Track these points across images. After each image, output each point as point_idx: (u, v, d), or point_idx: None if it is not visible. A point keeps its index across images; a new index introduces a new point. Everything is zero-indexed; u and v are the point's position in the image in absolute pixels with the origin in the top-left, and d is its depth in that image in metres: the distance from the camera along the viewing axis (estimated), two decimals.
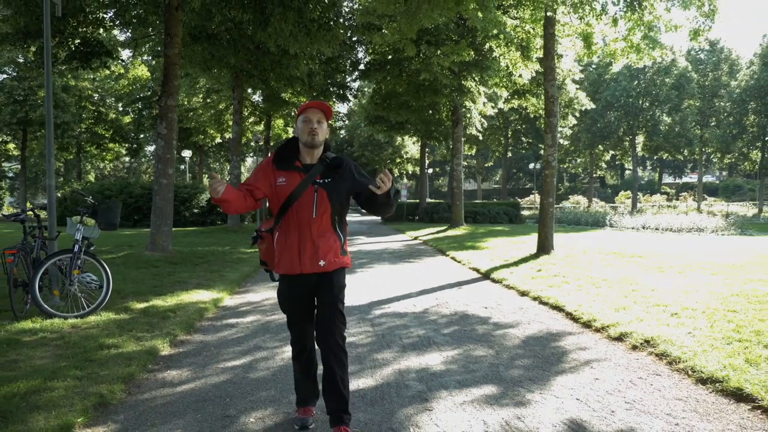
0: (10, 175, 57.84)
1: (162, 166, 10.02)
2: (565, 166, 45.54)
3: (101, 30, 11.07)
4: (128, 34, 13.55)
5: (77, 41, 10.09)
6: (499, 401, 3.34)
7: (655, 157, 53.51)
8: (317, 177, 2.75)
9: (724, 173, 72.49)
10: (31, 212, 5.99)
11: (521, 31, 12.38)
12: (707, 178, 74.46)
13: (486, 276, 8.79)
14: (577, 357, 4.30)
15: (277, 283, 2.95)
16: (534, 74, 14.05)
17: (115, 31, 12.65)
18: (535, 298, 6.72)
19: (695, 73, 38.86)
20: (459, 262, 10.83)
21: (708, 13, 10.58)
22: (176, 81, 10.09)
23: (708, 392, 3.48)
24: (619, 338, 4.74)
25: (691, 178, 70.01)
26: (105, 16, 10.87)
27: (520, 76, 13.40)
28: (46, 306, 5.25)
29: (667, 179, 79.75)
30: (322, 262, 2.74)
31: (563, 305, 6.01)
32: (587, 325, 5.29)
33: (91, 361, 3.96)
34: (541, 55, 11.92)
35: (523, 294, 7.06)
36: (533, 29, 12.20)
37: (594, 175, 57.28)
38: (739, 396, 3.33)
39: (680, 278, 7.64)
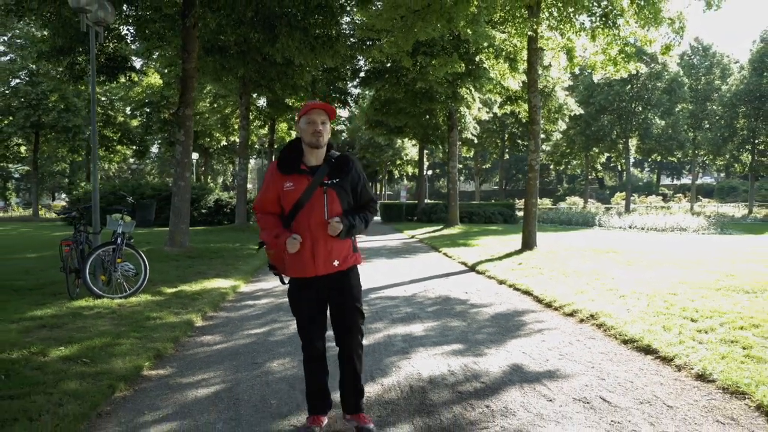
0: (17, 176, 59.15)
1: (180, 170, 11.03)
2: (561, 168, 46.53)
3: (123, 44, 12.13)
4: (138, 44, 14.56)
5: (103, 57, 11.12)
6: (463, 353, 4.35)
7: (649, 159, 54.43)
8: (325, 178, 2.73)
9: (722, 175, 73.38)
10: (76, 211, 6.98)
11: (509, 45, 13.40)
12: (706, 180, 75.52)
13: (472, 269, 9.80)
14: (533, 327, 5.31)
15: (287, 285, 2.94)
16: (521, 84, 15.04)
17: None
18: (510, 286, 7.72)
19: (687, 78, 39.86)
20: (450, 257, 11.84)
21: (677, 29, 11.59)
22: (193, 92, 11.12)
23: (626, 349, 4.49)
24: (571, 314, 5.75)
25: (690, 179, 70.98)
26: (127, 32, 11.93)
27: (508, 87, 14.39)
28: (95, 289, 6.27)
29: (666, 180, 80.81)
30: (336, 262, 2.76)
31: (532, 290, 7.02)
32: (548, 305, 6.29)
33: (143, 328, 4.98)
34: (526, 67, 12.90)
35: (501, 282, 8.07)
36: (520, 42, 13.22)
37: (592, 177, 58.25)
38: (647, 350, 4.34)
39: (644, 270, 8.63)
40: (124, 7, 11.05)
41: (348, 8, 12.42)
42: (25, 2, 8.58)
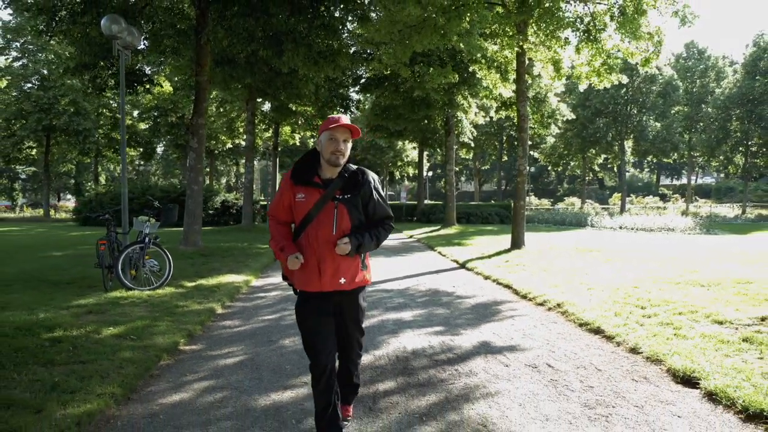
0: (23, 176, 60.38)
1: (193, 175, 11.92)
2: (559, 169, 47.43)
3: (139, 57, 13.04)
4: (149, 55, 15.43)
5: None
6: (443, 333, 5.23)
7: (646, 161, 55.20)
8: (337, 193, 2.68)
9: (721, 175, 74.08)
10: (107, 214, 7.84)
11: (500, 56, 14.27)
12: (707, 180, 76.29)
13: (462, 266, 10.67)
14: (506, 314, 6.18)
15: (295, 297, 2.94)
16: (512, 92, 15.88)
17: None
18: (494, 281, 8.59)
19: (683, 81, 40.71)
20: (443, 255, 12.71)
21: (656, 43, 12.43)
22: (205, 103, 12.01)
23: (581, 330, 5.35)
24: (542, 303, 6.61)
25: (690, 179, 71.74)
26: (143, 46, 12.82)
27: (500, 95, 15.25)
28: (126, 282, 7.15)
29: (666, 181, 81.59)
30: (342, 280, 2.70)
31: (512, 283, 7.89)
32: (524, 296, 7.16)
33: (174, 314, 5.86)
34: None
35: (487, 278, 8.94)
36: (510, 53, 14.08)
37: (591, 178, 59.02)
38: (596, 331, 5.20)
39: (619, 267, 9.47)
40: (141, 23, 11.92)
41: (349, 24, 13.29)
42: (57, 25, 9.50)
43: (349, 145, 2.72)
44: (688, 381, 3.77)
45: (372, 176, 2.82)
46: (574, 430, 3.06)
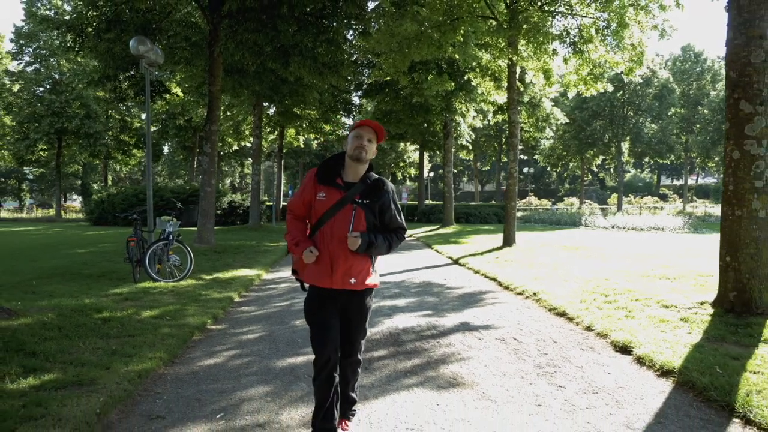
0: (30, 177, 61.55)
1: (207, 178, 12.82)
2: (558, 170, 48.26)
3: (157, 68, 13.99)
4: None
5: (142, 83, 12.94)
6: (430, 316, 6.11)
7: (645, 161, 55.91)
8: (357, 196, 2.79)
9: (721, 176, 74.29)
10: (135, 215, 8.75)
11: (494, 65, 15.14)
12: (708, 180, 76.95)
13: (456, 262, 11.55)
14: (488, 301, 7.06)
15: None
16: (506, 99, 16.74)
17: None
18: (482, 274, 9.47)
19: (679, 83, 41.54)
20: (439, 252, 13.59)
21: (638, 54, 13.28)
22: (218, 111, 12.92)
23: (549, 314, 6.22)
24: (521, 293, 7.49)
25: (691, 179, 72.37)
26: None
27: (495, 100, 16.12)
28: (153, 275, 8.05)
29: (666, 181, 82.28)
30: (353, 280, 2.79)
31: (497, 276, 8.76)
32: (507, 287, 8.03)
33: (198, 301, 6.76)
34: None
35: (476, 272, 9.82)
36: (503, 62, 14.94)
37: (591, 178, 59.75)
38: (561, 314, 6.08)
39: (599, 263, 10.34)
40: (158, 37, 12.83)
41: (350, 37, 14.19)
42: (84, 41, 10.42)
43: (374, 146, 2.88)
44: (625, 350, 4.65)
45: (391, 186, 2.96)
46: (524, 381, 3.94)
